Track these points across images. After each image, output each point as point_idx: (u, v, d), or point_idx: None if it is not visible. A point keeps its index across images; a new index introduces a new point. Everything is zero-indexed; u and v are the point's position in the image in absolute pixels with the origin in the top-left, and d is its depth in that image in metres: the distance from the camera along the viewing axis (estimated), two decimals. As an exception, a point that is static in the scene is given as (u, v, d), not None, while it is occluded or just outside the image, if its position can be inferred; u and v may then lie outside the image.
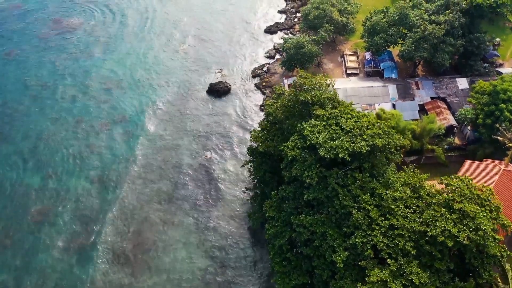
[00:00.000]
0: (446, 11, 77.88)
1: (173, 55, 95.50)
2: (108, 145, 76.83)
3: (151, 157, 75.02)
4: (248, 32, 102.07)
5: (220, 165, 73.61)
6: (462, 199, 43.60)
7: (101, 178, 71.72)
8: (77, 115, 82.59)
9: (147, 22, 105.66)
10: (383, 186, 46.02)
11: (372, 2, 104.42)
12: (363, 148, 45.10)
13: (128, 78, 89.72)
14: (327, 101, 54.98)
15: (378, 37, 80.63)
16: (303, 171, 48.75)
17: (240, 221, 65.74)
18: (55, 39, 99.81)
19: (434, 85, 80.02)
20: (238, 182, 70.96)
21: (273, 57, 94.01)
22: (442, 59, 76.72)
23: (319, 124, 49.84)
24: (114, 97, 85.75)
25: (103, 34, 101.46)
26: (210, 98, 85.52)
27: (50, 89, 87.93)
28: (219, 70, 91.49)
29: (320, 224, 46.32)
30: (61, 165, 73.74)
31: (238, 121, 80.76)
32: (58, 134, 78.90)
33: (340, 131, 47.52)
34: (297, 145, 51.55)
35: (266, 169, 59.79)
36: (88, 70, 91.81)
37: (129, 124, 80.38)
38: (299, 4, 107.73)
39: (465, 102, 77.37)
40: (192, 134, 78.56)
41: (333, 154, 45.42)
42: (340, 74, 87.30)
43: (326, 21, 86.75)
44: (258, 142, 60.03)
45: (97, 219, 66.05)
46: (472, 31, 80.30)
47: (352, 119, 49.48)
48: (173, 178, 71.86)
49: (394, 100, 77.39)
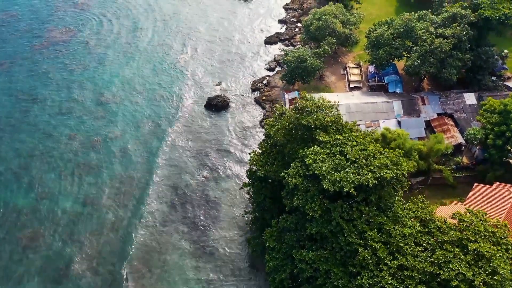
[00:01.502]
0: (453, 24, 74.90)
1: (170, 67, 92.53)
2: (102, 164, 73.83)
3: (146, 177, 71.92)
4: (248, 43, 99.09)
5: (218, 185, 70.69)
6: (476, 238, 40.65)
7: (94, 200, 68.73)
8: (71, 131, 79.67)
9: (143, 32, 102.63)
10: (391, 221, 43.10)
11: (375, 11, 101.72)
12: (370, 181, 42.17)
13: (124, 91, 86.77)
14: (330, 123, 52.12)
15: (382, 50, 77.77)
16: (305, 202, 45.91)
17: (239, 247, 62.75)
18: (49, 50, 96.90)
19: (441, 101, 77.09)
20: (237, 203, 68.05)
21: (273, 69, 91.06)
22: (450, 74, 73.83)
23: (323, 151, 46.91)
24: (109, 111, 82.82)
25: (98, 45, 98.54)
26: (208, 113, 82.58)
27: (43, 103, 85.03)
28: (218, 83, 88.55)
29: (323, 261, 43.46)
30: (53, 185, 70.81)
31: (237, 138, 77.79)
32: (50, 152, 75.97)
33: (345, 161, 44.56)
34: (298, 172, 48.68)
35: (266, 195, 56.99)
36: (83, 83, 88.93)
37: (124, 141, 77.42)
38: (300, 13, 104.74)
39: (473, 118, 74.54)
40: (189, 152, 75.64)
41: (338, 187, 42.48)
42: (343, 87, 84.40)
43: (328, 33, 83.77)
44: (257, 165, 57.12)
45: (90, 244, 63.07)
46: (480, 44, 77.40)
47: (357, 147, 46.56)
48: (169, 199, 68.92)
49: (399, 116, 74.45)
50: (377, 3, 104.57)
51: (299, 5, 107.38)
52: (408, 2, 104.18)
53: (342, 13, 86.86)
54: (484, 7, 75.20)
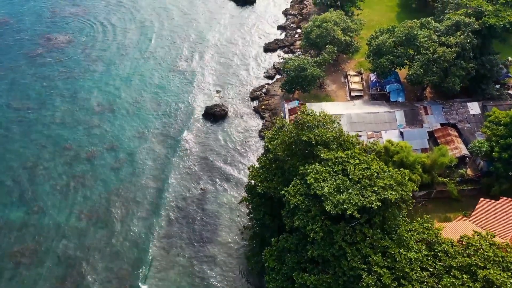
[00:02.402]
0: (457, 32, 73.14)
1: (168, 76, 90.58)
2: (97, 176, 71.95)
3: (143, 190, 70.09)
4: (247, 50, 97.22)
5: (216, 199, 68.89)
6: (485, 263, 38.88)
7: (90, 214, 66.86)
8: (66, 141, 77.67)
9: (140, 39, 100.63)
10: (396, 244, 41.30)
11: (376, 17, 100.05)
12: (374, 203, 40.38)
13: (120, 100, 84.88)
14: (331, 139, 50.37)
15: (384, 59, 75.99)
16: (306, 222, 44.18)
17: (237, 263, 60.94)
18: (43, 57, 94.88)
19: (444, 110, 75.38)
20: (236, 217, 66.26)
21: (273, 77, 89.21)
22: (453, 84, 72.14)
23: (324, 170, 45.13)
24: (105, 121, 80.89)
25: (94, 52, 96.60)
26: (206, 123, 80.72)
27: (37, 112, 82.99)
28: (216, 91, 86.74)
29: (325, 285, 41.72)
30: (47, 198, 68.84)
31: (235, 149, 75.94)
32: (44, 164, 73.97)
33: (348, 181, 42.78)
34: (299, 191, 46.95)
35: (266, 211, 55.14)
36: (78, 92, 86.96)
37: (120, 152, 75.54)
38: (300, 19, 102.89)
39: (477, 128, 72.89)
40: (186, 163, 73.78)
41: (341, 209, 40.69)
42: (344, 96, 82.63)
43: (329, 41, 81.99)
44: (257, 181, 55.26)
45: (85, 260, 61.21)
46: (484, 53, 75.68)
47: (360, 165, 44.75)
48: (165, 213, 67.11)
49: (402, 127, 72.70)
50: (378, 9, 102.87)
51: (299, 10, 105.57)
52: (410, 8, 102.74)
53: (343, 20, 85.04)
54: (488, 14, 73.50)
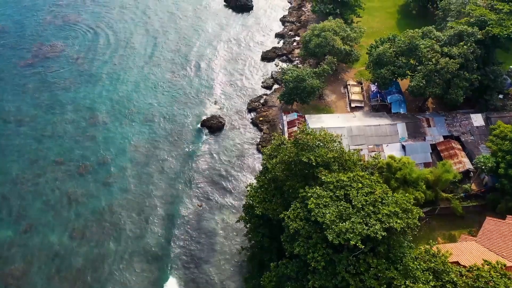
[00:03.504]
0: (460, 42, 71.17)
1: (163, 86, 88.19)
2: (90, 192, 69.70)
3: (136, 205, 67.95)
4: (243, 59, 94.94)
5: (214, 216, 66.75)
6: (497, 297, 37.03)
7: (82, 232, 64.64)
8: (57, 155, 75.37)
9: (135, 48, 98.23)
10: (402, 275, 39.25)
11: (376, 24, 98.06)
12: (379, 233, 38.33)
13: (114, 112, 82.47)
14: (332, 160, 48.34)
15: (385, 70, 74.03)
16: (307, 250, 42.15)
17: (235, 286, 58.81)
18: (35, 67, 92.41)
19: (447, 122, 73.43)
20: (233, 236, 64.10)
21: (271, 87, 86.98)
22: (456, 95, 70.17)
23: (326, 194, 43.07)
24: (98, 134, 78.57)
25: (88, 61, 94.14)
26: (202, 135, 78.48)
27: (28, 124, 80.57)
28: (213, 102, 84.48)
29: (328, 318, 39.62)
30: (38, 216, 66.62)
31: (232, 164, 73.75)
32: (35, 179, 71.69)
33: (351, 209, 40.71)
34: (299, 215, 44.91)
35: (264, 233, 53.13)
36: (71, 103, 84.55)
37: (114, 167, 73.24)
38: (298, 26, 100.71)
39: (480, 141, 70.97)
40: (182, 179, 71.53)
41: (343, 239, 38.62)
42: (344, 107, 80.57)
43: (328, 50, 79.92)
44: (255, 202, 53.14)
45: (78, 281, 59.03)
46: (487, 63, 73.77)
47: (363, 190, 42.68)
48: (160, 232, 64.91)
49: (404, 140, 70.71)
50: (378, 16, 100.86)
51: (297, 17, 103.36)
52: (410, 15, 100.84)
53: (342, 29, 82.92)
54: (492, 24, 71.56)
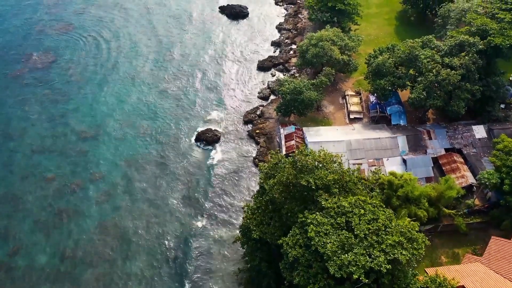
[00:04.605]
0: (461, 53, 69.37)
1: (156, 98, 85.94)
2: (82, 211, 67.54)
3: (131, 225, 65.83)
4: (239, 68, 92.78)
5: (209, 235, 64.60)
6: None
7: (74, 254, 62.46)
8: (49, 171, 73.22)
9: (128, 57, 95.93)
10: (408, 309, 37.44)
11: (374, 31, 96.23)
12: (383, 265, 36.40)
13: (106, 125, 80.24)
14: (332, 182, 46.37)
15: (385, 81, 72.18)
16: (307, 280, 40.19)
17: (233, 310, 57.00)
18: (26, 78, 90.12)
19: (448, 134, 71.59)
20: (230, 257, 62.01)
21: (267, 98, 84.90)
22: (458, 107, 68.36)
23: (326, 221, 41.13)
24: (90, 149, 76.38)
25: (79, 72, 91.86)
26: (197, 148, 76.36)
27: (18, 139, 78.44)
28: (208, 114, 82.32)
29: None
30: (27, 237, 64.48)
31: (228, 178, 71.62)
32: (25, 197, 69.59)
33: (353, 239, 38.75)
34: (298, 241, 42.99)
35: (262, 257, 51.17)
36: (63, 116, 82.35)
37: (106, 183, 71.10)
38: (294, 34, 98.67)
39: (483, 153, 69.24)
40: (176, 195, 69.47)
41: (346, 273, 36.68)
42: (342, 118, 78.62)
43: (326, 60, 77.97)
44: (252, 224, 51.08)
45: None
46: (489, 73, 71.90)
47: (366, 217, 40.73)
48: (155, 253, 62.75)
49: (404, 153, 68.84)
50: (375, 22, 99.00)
51: (293, 25, 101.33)
52: (408, 21, 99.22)
53: (340, 38, 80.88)
54: (494, 33, 69.77)
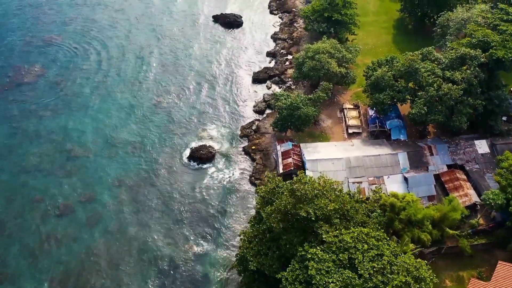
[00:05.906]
0: (462, 66, 67.27)
1: (148, 113, 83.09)
2: (72, 235, 64.65)
3: (121, 249, 63.07)
4: (234, 80, 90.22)
5: (205, 259, 61.98)
6: None
7: (63, 282, 59.56)
8: (36, 192, 70.12)
9: (118, 70, 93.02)
10: None
11: (372, 41, 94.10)
12: (390, 310, 34.12)
13: (97, 143, 77.21)
14: (333, 212, 44.00)
15: (384, 95, 69.97)
16: (308, 320, 37.76)
17: None
18: (12, 93, 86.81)
19: (450, 149, 69.50)
20: (227, 283, 59.46)
21: (263, 111, 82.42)
22: (460, 122, 66.30)
23: (328, 258, 38.74)
24: (79, 168, 73.43)
25: (68, 86, 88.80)
26: (191, 167, 73.68)
27: (4, 158, 75.28)
28: (202, 130, 79.66)
29: None
30: (14, 264, 61.43)
31: (224, 198, 69.03)
32: (12, 221, 66.49)
33: (357, 279, 36.34)
34: (298, 277, 40.55)
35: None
36: (51, 133, 79.14)
37: (96, 205, 68.27)
38: (290, 44, 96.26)
39: (486, 169, 67.24)
40: (169, 217, 66.77)
41: (350, 318, 34.35)
42: (341, 133, 76.30)
43: (323, 74, 75.62)
44: (249, 254, 48.63)
45: None
46: (491, 86, 69.94)
47: (370, 253, 38.35)
48: (148, 279, 60.07)
49: (405, 171, 66.63)
50: (372, 31, 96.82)
51: (289, 34, 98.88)
52: (406, 30, 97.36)
53: (337, 50, 78.56)
54: (495, 46, 67.69)
